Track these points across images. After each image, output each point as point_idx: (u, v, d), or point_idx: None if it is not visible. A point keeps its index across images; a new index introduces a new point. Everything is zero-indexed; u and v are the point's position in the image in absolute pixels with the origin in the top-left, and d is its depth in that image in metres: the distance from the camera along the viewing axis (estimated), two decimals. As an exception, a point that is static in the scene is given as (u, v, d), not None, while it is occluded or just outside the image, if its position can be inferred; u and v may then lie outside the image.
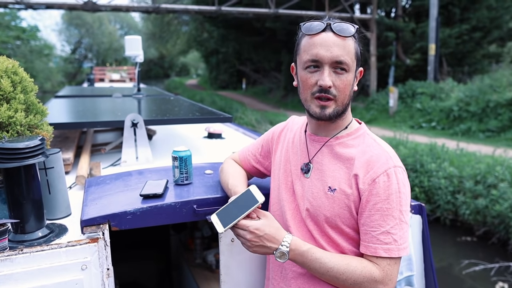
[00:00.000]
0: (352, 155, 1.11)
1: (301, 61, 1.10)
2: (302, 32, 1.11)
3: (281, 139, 1.35)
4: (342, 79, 1.07)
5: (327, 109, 1.09)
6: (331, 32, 1.06)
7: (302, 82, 1.11)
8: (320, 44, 1.06)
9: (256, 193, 1.10)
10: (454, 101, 11.92)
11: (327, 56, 1.05)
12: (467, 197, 6.35)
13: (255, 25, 20.40)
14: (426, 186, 6.98)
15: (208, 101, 20.24)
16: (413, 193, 6.97)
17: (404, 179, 1.08)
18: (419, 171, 7.24)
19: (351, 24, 1.08)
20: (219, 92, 26.88)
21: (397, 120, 13.35)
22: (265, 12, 16.10)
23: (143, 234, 3.00)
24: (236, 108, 17.32)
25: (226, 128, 3.12)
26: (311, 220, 1.15)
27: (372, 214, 1.05)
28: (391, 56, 17.18)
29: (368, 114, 14.69)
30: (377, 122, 13.72)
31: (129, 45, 3.17)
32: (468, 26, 14.99)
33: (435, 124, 12.03)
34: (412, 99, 13.76)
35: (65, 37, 43.99)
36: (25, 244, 1.13)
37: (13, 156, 1.08)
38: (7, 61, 1.34)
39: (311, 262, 1.06)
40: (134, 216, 1.28)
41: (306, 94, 1.11)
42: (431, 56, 14.36)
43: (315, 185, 1.15)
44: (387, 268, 1.04)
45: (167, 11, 16.13)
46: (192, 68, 56.34)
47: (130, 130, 1.98)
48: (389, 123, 13.24)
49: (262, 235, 1.05)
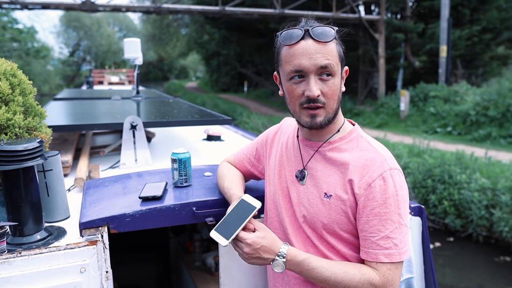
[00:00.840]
0: (346, 160, 1.09)
1: (284, 73, 1.07)
2: (280, 42, 1.07)
3: (275, 142, 1.33)
4: (329, 85, 1.04)
5: (318, 117, 1.06)
6: (311, 39, 1.02)
7: (288, 94, 1.09)
8: (301, 54, 1.02)
9: (251, 201, 1.10)
10: (470, 105, 11.39)
11: (311, 64, 1.02)
12: (504, 212, 5.76)
13: (257, 27, 20.17)
14: (456, 200, 6.35)
15: (210, 105, 19.80)
16: (442, 207, 6.48)
17: (401, 181, 1.06)
18: (448, 183, 6.61)
19: (330, 27, 1.04)
20: (220, 95, 26.46)
21: (409, 124, 12.88)
22: (271, 13, 15.82)
23: (142, 237, 2.99)
24: (240, 111, 16.95)
25: (225, 130, 3.12)
26: (309, 227, 1.13)
27: (370, 220, 1.03)
28: (400, 58, 16.84)
29: (377, 118, 14.28)
30: (388, 127, 13.31)
31: (128, 48, 3.17)
32: (478, 27, 14.69)
33: (451, 129, 11.51)
34: (424, 102, 13.27)
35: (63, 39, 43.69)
36: (24, 247, 1.13)
37: (12, 159, 1.08)
38: (5, 63, 1.34)
39: (307, 272, 1.05)
40: (133, 218, 1.27)
41: (294, 106, 1.09)
42: (442, 58, 13.97)
43: (311, 191, 1.13)
44: (388, 273, 1.03)
45: (168, 11, 15.90)
46: (191, 70, 56.32)
47: (129, 132, 1.97)
48: (401, 128, 12.81)
49: (258, 247, 1.03)
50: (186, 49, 37.08)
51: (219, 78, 31.71)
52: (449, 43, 13.88)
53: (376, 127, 13.51)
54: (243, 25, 21.14)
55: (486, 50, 15.72)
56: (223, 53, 27.84)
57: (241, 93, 27.92)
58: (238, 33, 22.91)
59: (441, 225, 6.63)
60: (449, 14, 13.75)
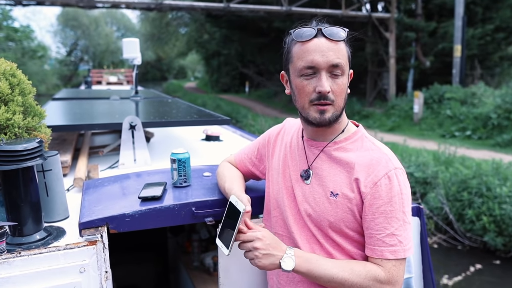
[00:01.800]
0: (352, 159, 1.11)
1: (296, 69, 1.10)
2: (293, 39, 1.10)
3: (277, 142, 1.34)
4: (338, 83, 1.07)
5: (326, 113, 1.08)
6: (323, 37, 1.06)
7: (298, 90, 1.11)
8: (314, 50, 1.06)
9: (236, 204, 1.09)
10: (490, 108, 10.80)
11: (323, 61, 1.05)
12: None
13: (260, 26, 19.60)
14: (497, 215, 5.61)
15: (212, 106, 18.92)
16: (480, 223, 5.74)
17: (405, 180, 1.10)
18: (486, 196, 5.86)
19: (341, 28, 1.08)
20: (221, 96, 25.69)
21: (423, 128, 12.23)
22: (277, 10, 15.29)
23: (140, 237, 2.99)
24: (244, 113, 16.25)
25: (223, 130, 3.12)
26: (315, 225, 1.15)
27: (376, 218, 1.06)
28: (410, 58, 16.29)
29: (389, 121, 13.66)
30: (401, 130, 12.63)
31: (127, 48, 3.17)
32: (491, 26, 14.26)
33: (470, 133, 10.87)
34: (439, 104, 12.65)
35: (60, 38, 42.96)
36: (23, 247, 1.13)
37: (11, 159, 1.08)
38: (5, 63, 1.34)
39: (316, 268, 1.06)
40: (132, 218, 1.28)
41: (303, 102, 1.10)
42: (456, 58, 13.47)
43: (317, 190, 1.15)
44: (393, 269, 1.05)
45: (170, 8, 15.38)
46: (189, 70, 56.11)
47: (128, 132, 1.97)
48: (415, 131, 12.15)
49: (268, 242, 1.05)
50: (185, 48, 36.47)
51: (220, 78, 31.17)
52: (464, 42, 13.28)
53: (388, 130, 12.91)
54: (245, 24, 20.65)
55: (497, 49, 15.23)
56: (224, 53, 27.36)
57: (242, 93, 27.32)
58: (240, 32, 22.39)
59: (479, 243, 5.93)
60: (463, 12, 13.19)
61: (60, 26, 42.23)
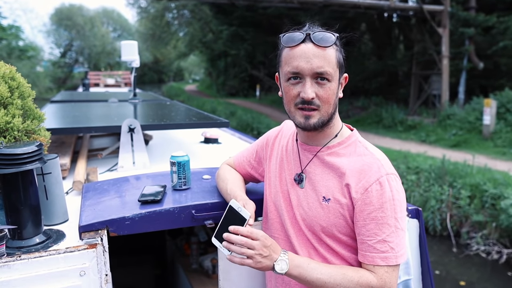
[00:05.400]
0: (344, 165, 1.11)
1: (283, 73, 1.11)
2: (282, 44, 1.11)
3: (275, 145, 1.34)
4: (325, 89, 1.07)
5: (311, 119, 1.09)
6: (311, 43, 1.06)
7: (285, 93, 1.12)
8: (299, 56, 1.06)
9: (240, 210, 1.09)
10: None
11: (307, 68, 1.05)
12: None
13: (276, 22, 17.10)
14: None
15: (224, 113, 16.36)
16: None
17: (398, 186, 1.08)
18: None
19: (331, 32, 1.08)
20: (230, 100, 23.23)
21: (499, 144, 10.05)
22: (313, 1, 13.60)
23: (139, 240, 2.99)
24: (267, 123, 13.81)
25: (222, 133, 3.12)
26: (308, 229, 1.15)
27: (367, 224, 1.05)
28: (463, 59, 13.86)
29: (447, 134, 11.27)
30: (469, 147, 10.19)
31: (126, 50, 3.17)
32: None
33: None
34: None
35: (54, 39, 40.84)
36: (23, 250, 1.13)
37: (11, 162, 1.08)
38: (4, 67, 1.34)
39: (307, 273, 1.06)
40: (132, 221, 1.27)
41: (289, 106, 1.12)
42: None
43: (310, 195, 1.15)
44: (385, 276, 1.05)
45: None
46: (186, 73, 55.71)
47: (127, 135, 1.97)
48: (489, 149, 9.92)
49: (269, 244, 1.05)
50: (187, 49, 34.14)
51: (226, 81, 28.52)
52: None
53: (452, 147, 10.69)
54: (259, 21, 18.88)
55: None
56: (232, 53, 25.00)
57: (252, 98, 24.99)
58: (255, 30, 20.15)
59: None
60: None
61: (54, 25, 40.26)
